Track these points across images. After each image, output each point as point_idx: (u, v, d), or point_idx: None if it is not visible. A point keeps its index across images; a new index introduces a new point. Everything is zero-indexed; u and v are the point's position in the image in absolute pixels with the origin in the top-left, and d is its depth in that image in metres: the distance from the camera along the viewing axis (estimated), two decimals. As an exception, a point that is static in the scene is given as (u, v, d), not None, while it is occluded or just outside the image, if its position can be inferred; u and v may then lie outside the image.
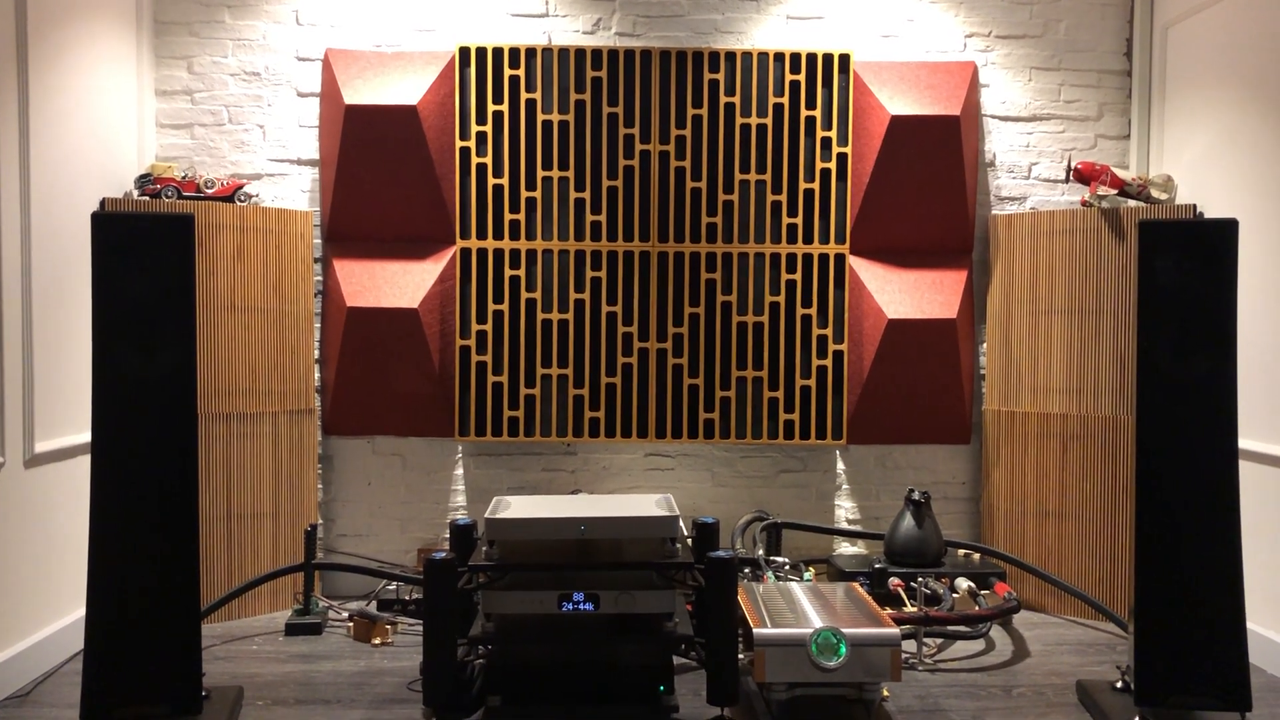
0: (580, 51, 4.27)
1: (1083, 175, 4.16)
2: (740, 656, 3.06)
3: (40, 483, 3.43)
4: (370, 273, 4.24)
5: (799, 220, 4.32)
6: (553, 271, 4.29)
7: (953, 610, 3.65)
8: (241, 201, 4.06)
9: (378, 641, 3.77)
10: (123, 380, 2.74)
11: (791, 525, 4.35)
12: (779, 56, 4.30)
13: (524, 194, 4.27)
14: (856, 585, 3.51)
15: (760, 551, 4.13)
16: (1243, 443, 3.43)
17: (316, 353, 4.33)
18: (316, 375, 4.33)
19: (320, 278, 4.34)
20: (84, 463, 3.55)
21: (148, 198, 3.95)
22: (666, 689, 3.12)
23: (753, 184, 4.31)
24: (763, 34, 4.44)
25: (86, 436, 3.40)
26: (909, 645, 3.57)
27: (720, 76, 4.28)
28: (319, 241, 4.33)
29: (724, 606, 2.90)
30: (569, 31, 4.41)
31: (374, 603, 4.02)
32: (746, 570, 3.96)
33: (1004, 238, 4.37)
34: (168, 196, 3.94)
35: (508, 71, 4.25)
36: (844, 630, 2.92)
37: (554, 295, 4.29)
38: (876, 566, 4.01)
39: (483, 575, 3.05)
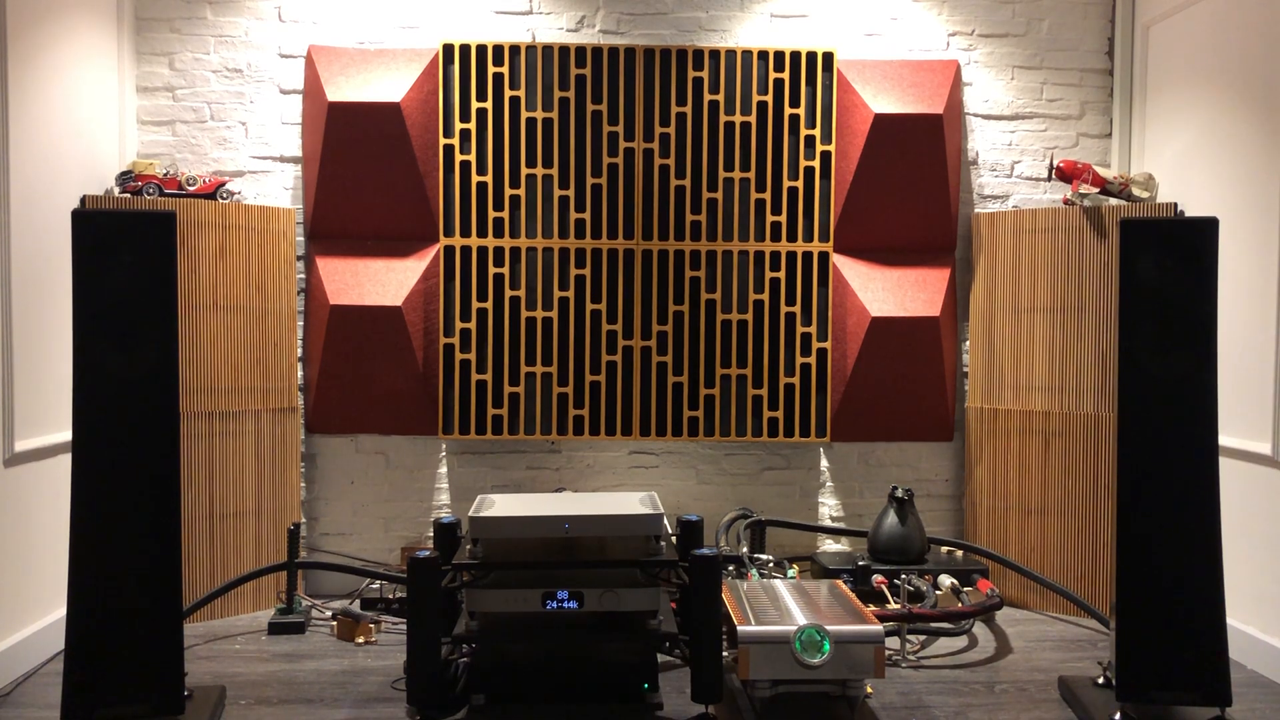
0: (564, 49, 4.26)
1: (1065, 173, 4.18)
2: (724, 654, 3.06)
3: (20, 482, 3.41)
4: (353, 270, 4.23)
5: (783, 218, 4.32)
6: (537, 269, 4.29)
7: (936, 607, 3.66)
8: (224, 199, 4.04)
9: (361, 640, 3.76)
10: (104, 378, 2.72)
11: (775, 523, 4.36)
12: (763, 55, 4.31)
13: (508, 191, 4.26)
14: (840, 582, 3.52)
15: (744, 549, 4.14)
16: (1223, 440, 3.46)
17: (299, 351, 4.32)
18: (299, 373, 4.31)
19: (303, 275, 4.32)
20: (65, 461, 3.53)
21: (129, 195, 3.92)
22: (651, 687, 3.13)
23: (737, 182, 4.32)
24: (747, 32, 4.44)
25: (67, 435, 3.38)
26: (892, 642, 3.58)
27: (704, 74, 4.29)
28: (302, 239, 4.32)
29: (708, 604, 2.91)
30: (553, 29, 4.40)
31: (357, 601, 4.00)
32: (730, 568, 3.97)
33: (986, 236, 4.39)
34: (149, 194, 3.92)
35: (491, 69, 4.24)
36: (827, 627, 2.93)
37: (538, 293, 4.29)
38: (860, 564, 4.02)
39: (467, 574, 3.05)
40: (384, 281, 4.21)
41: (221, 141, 4.35)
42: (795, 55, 4.31)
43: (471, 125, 4.25)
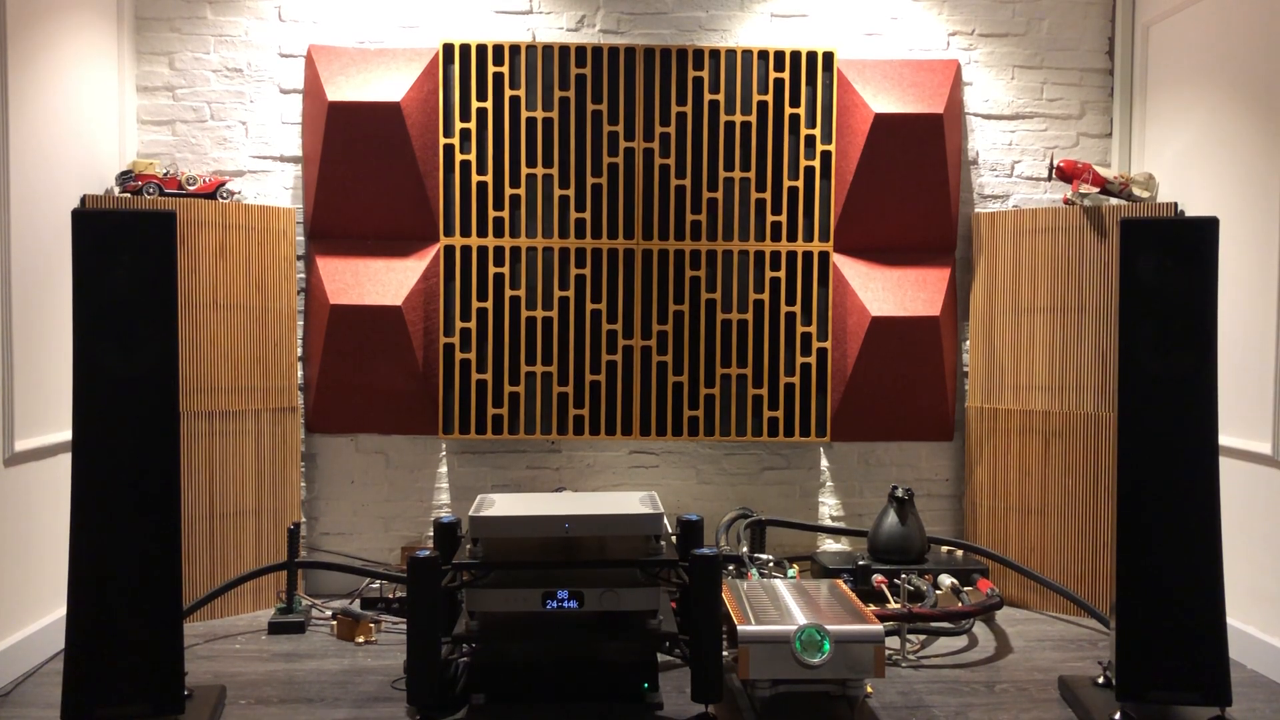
0: (564, 49, 4.26)
1: (1065, 173, 4.17)
2: (724, 654, 3.06)
3: (20, 481, 3.41)
4: (353, 270, 4.23)
5: (783, 218, 4.32)
6: (537, 269, 4.29)
7: (936, 607, 3.66)
8: (224, 198, 4.04)
9: (361, 640, 3.76)
10: (104, 378, 2.72)
11: (775, 522, 4.36)
12: (763, 54, 4.30)
13: (508, 191, 4.26)
14: (840, 582, 3.52)
15: (744, 549, 4.14)
16: (1223, 439, 3.45)
17: (299, 350, 4.32)
18: (299, 373, 4.31)
19: (303, 275, 4.32)
20: (65, 461, 3.54)
21: (129, 195, 3.92)
22: (651, 686, 3.13)
23: (737, 181, 4.32)
24: (747, 32, 4.44)
25: (67, 434, 3.38)
26: (892, 642, 3.58)
27: (704, 74, 4.29)
28: (302, 239, 4.32)
29: (708, 604, 2.91)
30: (553, 29, 4.40)
31: (357, 601, 4.01)
32: (730, 567, 3.97)
33: (987, 235, 4.39)
34: (149, 193, 3.92)
35: (492, 68, 4.24)
36: (827, 627, 2.93)
37: (538, 293, 4.29)
38: (860, 563, 4.02)
39: (467, 573, 3.05)
40: (384, 281, 4.21)
41: (221, 141, 4.35)
42: (795, 55, 4.31)
43: (471, 125, 4.24)
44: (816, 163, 4.32)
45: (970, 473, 4.45)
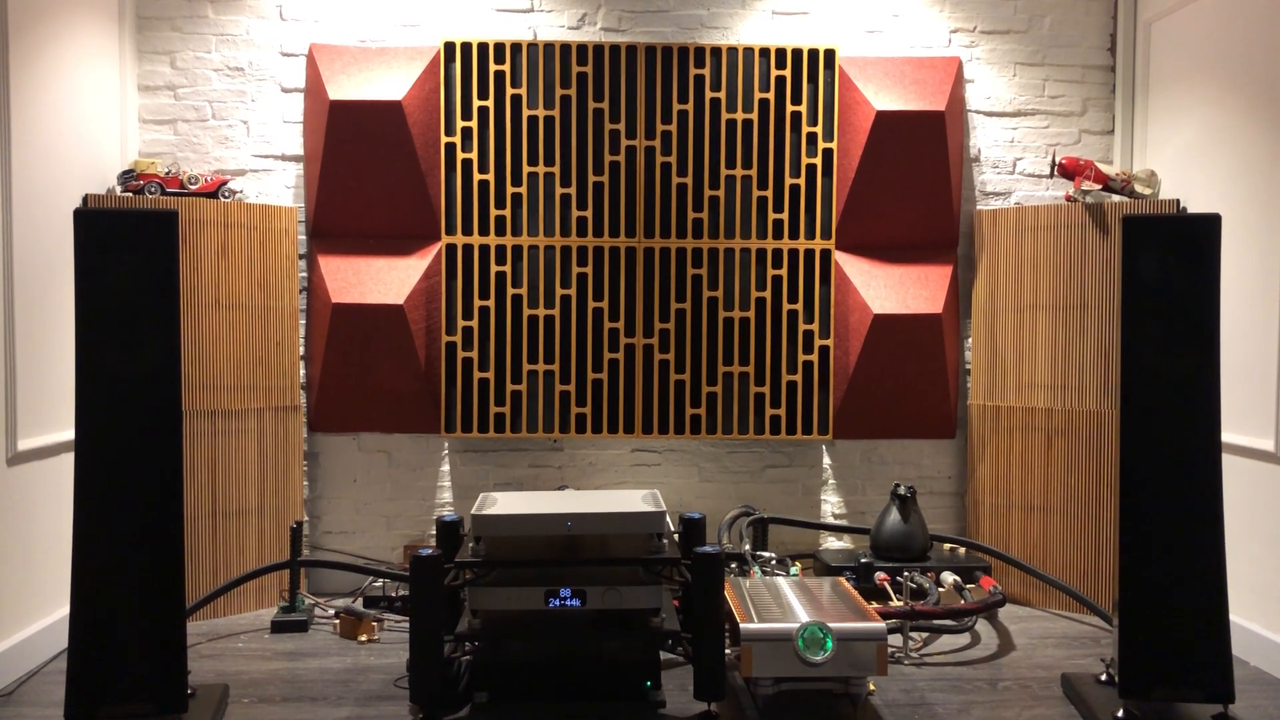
0: (565, 47, 4.26)
1: (1067, 170, 4.17)
2: (727, 651, 3.06)
3: (23, 480, 3.41)
4: (355, 269, 4.23)
5: (785, 216, 4.32)
6: (539, 267, 4.29)
7: (938, 604, 3.66)
8: (225, 197, 4.04)
9: (364, 639, 3.76)
10: (106, 377, 2.72)
11: (778, 520, 4.36)
12: (764, 52, 4.30)
13: (509, 189, 4.26)
14: (843, 580, 3.52)
15: (747, 547, 4.14)
16: (1226, 436, 3.45)
17: (301, 349, 4.32)
18: (302, 372, 4.31)
19: (305, 274, 4.32)
20: (67, 460, 3.53)
21: (131, 194, 3.92)
22: (653, 684, 3.13)
23: (739, 179, 4.31)
24: (748, 29, 4.44)
25: (70, 434, 3.38)
26: (895, 639, 3.58)
27: (706, 72, 4.28)
28: (304, 238, 4.32)
29: (710, 602, 2.91)
30: (554, 27, 4.40)
31: (360, 600, 4.00)
32: (733, 565, 3.96)
33: (989, 233, 4.38)
34: (151, 193, 3.92)
35: (493, 67, 4.24)
36: (830, 625, 2.93)
37: (540, 291, 4.29)
38: (862, 561, 4.02)
39: (469, 572, 3.05)
40: (386, 280, 4.21)
41: (223, 140, 4.35)
42: (797, 52, 4.30)
43: (473, 123, 4.24)
44: (818, 160, 4.32)
45: (973, 470, 4.45)
